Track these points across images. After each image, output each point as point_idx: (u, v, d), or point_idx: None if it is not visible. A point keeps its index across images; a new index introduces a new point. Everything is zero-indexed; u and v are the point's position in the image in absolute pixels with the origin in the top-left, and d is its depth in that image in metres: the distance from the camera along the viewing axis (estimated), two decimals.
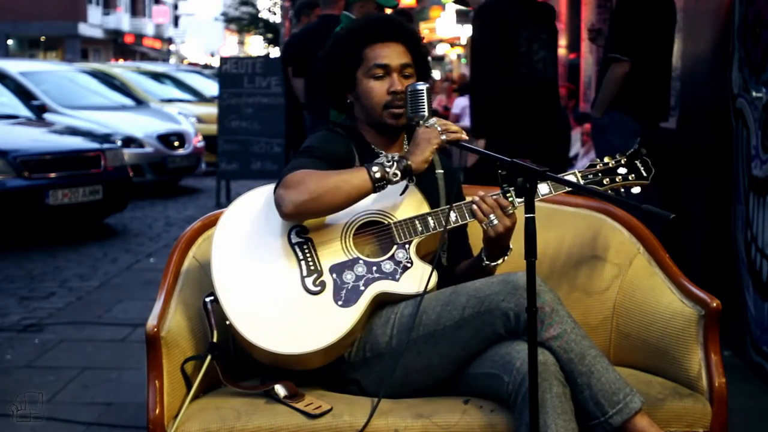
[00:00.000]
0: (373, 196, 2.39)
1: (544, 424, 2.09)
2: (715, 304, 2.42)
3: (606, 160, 2.50)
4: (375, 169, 2.31)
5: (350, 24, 2.69)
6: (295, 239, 2.38)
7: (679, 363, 2.45)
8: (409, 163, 2.33)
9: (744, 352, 4.11)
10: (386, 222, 2.42)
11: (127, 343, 4.63)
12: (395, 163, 2.32)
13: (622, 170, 2.48)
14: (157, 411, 2.24)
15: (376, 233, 2.43)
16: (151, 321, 2.33)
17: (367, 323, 2.36)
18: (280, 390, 2.28)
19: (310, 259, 2.36)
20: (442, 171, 2.64)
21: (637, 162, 2.50)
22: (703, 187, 4.84)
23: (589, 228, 2.76)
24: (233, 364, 2.44)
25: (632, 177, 2.48)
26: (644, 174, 2.49)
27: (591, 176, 2.47)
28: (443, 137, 2.35)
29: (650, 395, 2.30)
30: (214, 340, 2.35)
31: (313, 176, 2.33)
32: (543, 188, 2.46)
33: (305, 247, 2.38)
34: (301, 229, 2.40)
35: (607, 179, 2.47)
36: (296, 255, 2.36)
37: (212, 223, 2.63)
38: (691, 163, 4.99)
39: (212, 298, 2.36)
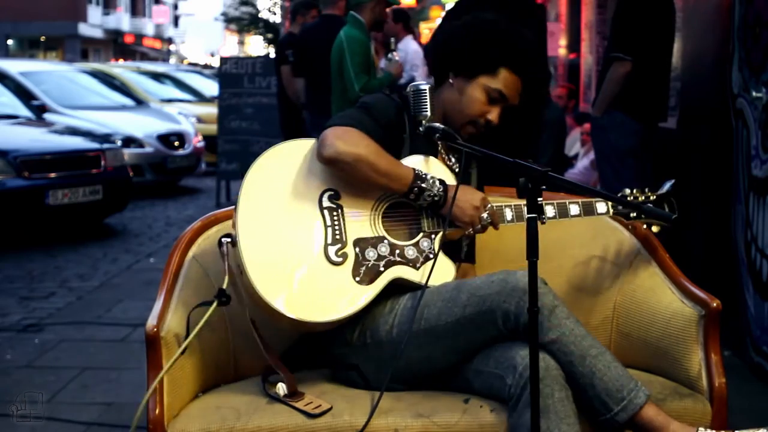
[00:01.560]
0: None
1: (548, 429, 2.09)
2: (715, 304, 2.42)
3: (635, 193, 2.58)
4: (418, 186, 2.33)
5: (505, 30, 2.53)
6: (326, 203, 2.34)
7: (679, 363, 2.45)
8: (442, 211, 2.37)
9: (744, 352, 4.11)
10: (417, 207, 2.41)
11: (127, 343, 4.63)
12: (432, 198, 2.35)
13: (648, 207, 2.53)
14: (157, 411, 2.24)
15: (406, 217, 2.41)
16: (151, 321, 2.33)
17: (371, 309, 2.34)
18: (280, 389, 2.28)
19: (337, 227, 2.32)
20: None
21: (665, 203, 2.57)
22: (703, 187, 4.84)
23: (590, 228, 2.76)
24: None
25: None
26: (668, 215, 2.53)
27: (620, 207, 2.55)
28: (478, 227, 2.40)
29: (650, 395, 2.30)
30: (224, 286, 2.28)
31: (371, 147, 2.31)
32: (549, 211, 2.49)
33: (335, 213, 2.34)
34: (334, 194, 2.36)
35: (634, 213, 2.54)
36: (324, 220, 2.33)
37: (212, 223, 2.63)
38: (691, 163, 4.99)
39: (229, 239, 2.30)
